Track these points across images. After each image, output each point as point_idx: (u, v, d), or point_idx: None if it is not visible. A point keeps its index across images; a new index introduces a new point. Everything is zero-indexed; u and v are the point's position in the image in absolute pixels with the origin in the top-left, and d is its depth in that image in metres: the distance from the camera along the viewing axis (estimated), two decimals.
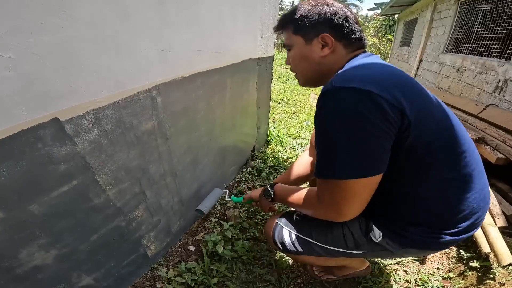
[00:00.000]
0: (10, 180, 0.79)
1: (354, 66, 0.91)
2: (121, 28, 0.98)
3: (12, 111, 0.74)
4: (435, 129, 0.83)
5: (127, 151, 1.16)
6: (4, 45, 0.68)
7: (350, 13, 0.99)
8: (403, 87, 0.80)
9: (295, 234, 1.20)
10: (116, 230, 1.26)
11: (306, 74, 1.09)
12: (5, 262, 0.87)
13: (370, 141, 0.78)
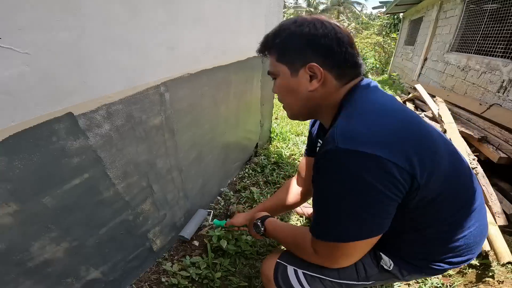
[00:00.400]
0: (25, 173, 0.81)
1: (357, 112, 0.79)
2: (131, 26, 1.00)
3: (28, 106, 0.77)
4: (442, 185, 0.79)
5: (136, 146, 1.19)
6: (21, 41, 0.71)
7: (343, 34, 0.83)
8: (415, 142, 0.74)
9: (302, 271, 1.07)
10: (123, 223, 1.28)
11: (293, 108, 0.97)
12: (17, 255, 0.89)
13: (375, 207, 0.74)
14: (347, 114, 0.80)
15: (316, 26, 0.81)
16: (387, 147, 0.69)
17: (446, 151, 0.84)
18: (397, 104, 0.85)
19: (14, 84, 0.72)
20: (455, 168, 0.85)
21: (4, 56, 0.68)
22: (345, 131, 0.73)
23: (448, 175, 0.80)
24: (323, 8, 39.66)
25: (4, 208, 0.79)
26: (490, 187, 2.17)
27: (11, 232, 0.84)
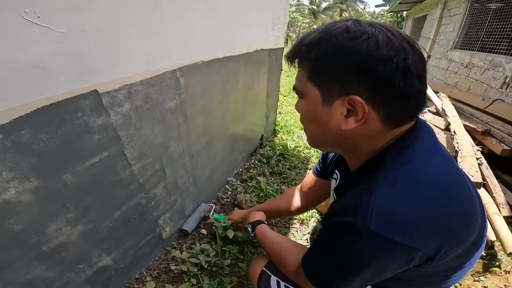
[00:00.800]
0: (48, 147, 0.84)
1: (405, 184, 0.60)
2: (153, 12, 1.05)
3: (59, 81, 0.81)
4: (452, 259, 0.66)
5: (152, 127, 1.23)
6: (57, 21, 0.75)
7: (416, 59, 0.57)
8: (454, 230, 0.62)
9: (284, 284, 1.06)
10: (136, 207, 1.31)
11: (316, 140, 0.78)
12: (33, 237, 0.89)
13: (375, 278, 0.68)
14: (392, 181, 0.61)
15: (378, 44, 0.55)
16: (424, 236, 0.58)
17: (480, 224, 0.68)
18: (451, 170, 0.67)
19: (47, 60, 0.76)
20: (475, 241, 0.68)
21: (41, 34, 0.72)
22: (384, 213, 0.58)
23: (463, 250, 0.66)
24: (325, 6, 39.54)
25: (25, 184, 0.81)
26: (494, 179, 2.22)
27: (29, 210, 0.86)
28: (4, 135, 0.72)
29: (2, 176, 0.74)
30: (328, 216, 0.72)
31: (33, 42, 0.72)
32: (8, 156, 0.74)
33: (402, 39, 0.57)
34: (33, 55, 0.72)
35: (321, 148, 0.87)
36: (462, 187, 0.66)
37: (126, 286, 1.44)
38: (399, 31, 0.59)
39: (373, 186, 0.61)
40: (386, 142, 0.67)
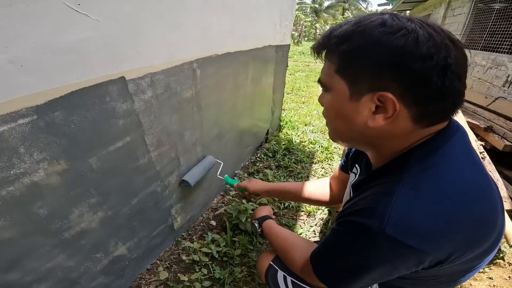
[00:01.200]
0: (78, 129, 0.88)
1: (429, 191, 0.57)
2: (175, 5, 1.09)
3: (92, 66, 0.85)
4: (462, 263, 0.64)
5: (170, 115, 1.27)
6: (94, 9, 0.79)
7: (458, 56, 0.54)
8: (474, 233, 0.59)
9: (291, 278, 1.08)
10: (152, 195, 1.34)
11: (338, 135, 0.75)
12: (57, 223, 0.91)
13: (383, 277, 0.68)
14: (415, 185, 0.59)
15: (419, 40, 0.52)
16: (440, 244, 0.57)
17: (499, 229, 0.64)
18: (479, 175, 0.63)
19: (83, 46, 0.80)
20: (491, 245, 0.64)
21: (79, 21, 0.77)
22: (403, 217, 0.56)
23: (478, 254, 0.64)
24: (328, 4, 39.50)
25: (54, 166, 0.84)
26: (496, 173, 2.26)
27: (55, 194, 0.88)
28: (39, 116, 0.75)
29: (33, 156, 0.77)
30: (344, 215, 0.70)
31: (72, 28, 0.76)
32: (40, 137, 0.77)
33: (444, 36, 0.54)
34: (72, 40, 0.76)
35: (343, 143, 0.81)
36: (488, 194, 0.62)
37: (138, 276, 1.48)
38: (442, 27, 0.56)
39: (394, 188, 0.59)
40: (414, 141, 0.64)
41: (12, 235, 0.79)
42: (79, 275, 1.07)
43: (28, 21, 0.66)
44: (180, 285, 1.46)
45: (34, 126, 0.75)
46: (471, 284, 1.61)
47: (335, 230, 0.73)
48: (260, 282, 1.51)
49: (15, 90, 0.68)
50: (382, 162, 0.72)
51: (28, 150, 0.75)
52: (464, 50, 0.56)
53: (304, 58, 12.96)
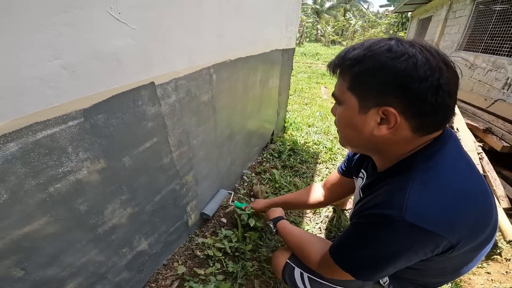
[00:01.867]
0: (116, 131, 0.95)
1: (436, 184, 0.69)
2: (195, 13, 1.17)
3: (128, 72, 0.93)
4: (467, 251, 0.76)
5: (190, 117, 1.36)
6: (132, 17, 0.87)
7: (449, 77, 0.66)
8: (475, 225, 0.72)
9: (307, 275, 1.16)
10: (172, 193, 1.42)
11: (348, 142, 0.86)
12: (93, 218, 0.99)
13: (402, 264, 0.77)
14: (423, 181, 0.70)
15: (417, 64, 0.63)
16: (453, 228, 0.67)
17: (494, 222, 0.78)
18: (473, 174, 0.76)
19: (122, 53, 0.88)
20: (489, 235, 0.78)
21: (119, 29, 0.85)
22: (419, 205, 0.67)
23: (478, 243, 0.76)
24: (329, 5, 39.43)
25: (95, 164, 0.92)
26: (494, 173, 2.34)
27: (94, 191, 0.96)
28: (85, 118, 0.83)
29: (78, 156, 0.85)
30: (363, 210, 0.80)
31: (113, 35, 0.84)
32: (85, 138, 0.86)
33: (439, 60, 0.65)
34: (113, 47, 0.85)
35: (352, 149, 0.94)
36: (482, 189, 0.75)
37: (155, 272, 1.55)
38: (438, 50, 0.67)
39: (406, 184, 0.70)
40: (415, 147, 0.76)
41: (55, 230, 0.86)
42: (107, 270, 1.14)
43: (78, 29, 0.73)
44: (196, 278, 1.53)
45: (81, 128, 0.83)
46: (470, 279, 1.67)
47: (356, 223, 0.83)
48: (270, 276, 1.60)
49: (66, 94, 0.76)
50: (388, 165, 0.84)
51: (75, 150, 0.84)
52: (456, 70, 0.68)
53: (306, 59, 12.93)
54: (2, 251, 0.74)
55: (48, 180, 0.79)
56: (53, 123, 0.75)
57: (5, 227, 0.73)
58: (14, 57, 0.63)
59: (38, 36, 0.66)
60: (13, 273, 0.79)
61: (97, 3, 0.76)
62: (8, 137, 0.66)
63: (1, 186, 0.68)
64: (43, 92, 0.70)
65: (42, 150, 0.75)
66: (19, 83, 0.65)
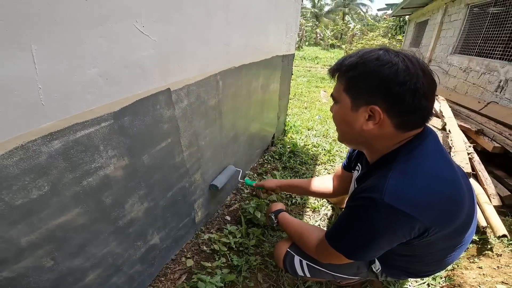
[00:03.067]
0: (138, 131, 1.07)
1: (413, 172, 0.83)
2: (205, 24, 1.29)
3: (150, 79, 1.05)
4: (443, 237, 0.90)
5: (199, 120, 1.48)
6: (154, 30, 0.99)
7: (425, 83, 0.79)
8: (447, 210, 0.84)
9: (306, 262, 1.27)
10: (182, 190, 1.52)
11: (343, 136, 1.00)
12: (116, 211, 1.09)
13: (385, 244, 0.89)
14: (402, 170, 0.83)
15: (398, 70, 0.77)
16: (425, 211, 0.79)
17: (467, 211, 0.91)
18: (447, 166, 0.88)
19: (145, 62, 1.00)
20: (463, 224, 0.93)
21: (143, 41, 0.97)
22: (396, 189, 0.79)
23: (453, 230, 0.90)
24: (328, 9, 39.65)
25: (120, 161, 1.03)
26: (485, 172, 2.44)
27: (118, 185, 1.06)
28: (114, 120, 0.95)
29: (108, 153, 0.97)
30: (354, 194, 0.93)
31: (139, 46, 0.96)
32: (114, 137, 0.98)
33: (418, 67, 0.78)
34: (138, 57, 0.97)
35: (347, 144, 1.07)
36: (454, 180, 0.87)
37: (164, 266, 1.64)
38: (418, 60, 0.81)
39: (388, 173, 0.83)
40: (398, 142, 0.89)
41: (84, 221, 0.96)
42: (123, 262, 1.23)
43: (111, 40, 0.85)
44: (203, 271, 1.63)
45: (111, 128, 0.95)
46: (462, 273, 1.73)
47: (348, 206, 0.96)
48: (273, 269, 1.70)
49: (101, 98, 0.88)
50: (376, 158, 0.98)
51: (105, 148, 0.96)
52: (433, 77, 0.82)
53: (306, 63, 13.04)
54: (38, 240, 0.83)
55: (83, 174, 0.91)
56: (90, 124, 0.87)
57: (44, 218, 0.82)
58: (63, 65, 0.75)
59: (81, 47, 0.78)
60: (43, 263, 0.87)
61: (125, 17, 0.87)
62: (54, 135, 0.78)
63: (44, 179, 0.79)
64: (83, 96, 0.82)
65: (80, 147, 0.87)
66: (65, 88, 0.77)
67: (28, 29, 0.64)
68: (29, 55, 0.66)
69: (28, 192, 0.76)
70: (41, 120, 0.74)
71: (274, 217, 1.51)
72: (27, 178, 0.75)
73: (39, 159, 0.76)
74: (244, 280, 1.62)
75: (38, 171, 0.77)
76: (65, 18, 0.71)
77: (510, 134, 2.83)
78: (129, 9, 0.88)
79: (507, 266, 1.72)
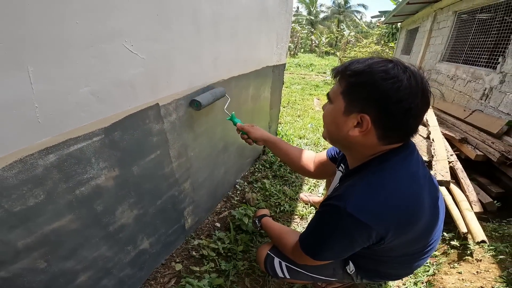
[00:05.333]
0: (128, 144, 1.14)
1: (379, 188, 0.87)
2: (194, 40, 1.35)
3: (139, 96, 1.12)
4: (402, 244, 0.98)
5: (188, 132, 1.54)
6: (142, 48, 1.05)
7: (421, 103, 0.81)
8: (402, 221, 0.88)
9: (285, 263, 1.33)
10: (171, 198, 1.58)
11: (330, 135, 1.02)
12: (106, 217, 1.15)
13: (348, 248, 0.97)
14: (369, 181, 0.90)
15: (400, 88, 0.78)
16: (380, 221, 0.85)
17: (428, 220, 0.96)
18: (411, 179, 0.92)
19: (135, 79, 1.06)
20: (424, 231, 0.99)
21: (132, 59, 1.03)
22: (359, 200, 0.86)
23: (412, 238, 0.97)
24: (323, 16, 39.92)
25: (111, 172, 1.10)
26: (467, 180, 2.51)
27: (109, 194, 1.12)
28: (105, 134, 1.03)
29: (99, 165, 1.05)
30: (325, 200, 0.98)
31: (128, 65, 1.02)
32: (105, 150, 1.05)
33: (419, 87, 0.80)
34: (128, 75, 1.03)
35: (331, 142, 1.06)
36: (414, 193, 0.90)
37: (154, 270, 1.69)
38: (423, 78, 0.82)
39: (357, 182, 0.91)
40: (376, 152, 0.93)
41: (77, 226, 1.03)
42: (113, 265, 1.28)
43: (102, 60, 0.91)
44: (192, 275, 1.68)
45: (102, 142, 1.02)
46: (442, 278, 1.78)
47: (318, 212, 1.02)
48: (260, 274, 1.76)
49: (93, 115, 0.96)
50: (355, 164, 1.02)
51: (97, 160, 1.03)
52: (429, 99, 0.84)
53: (300, 71, 13.08)
54: (33, 244, 0.89)
55: (76, 184, 0.98)
56: (82, 138, 0.95)
57: (40, 223, 0.90)
58: (58, 85, 0.82)
59: (74, 67, 0.84)
60: (37, 265, 0.93)
61: (116, 38, 0.94)
62: (49, 150, 0.85)
63: (40, 188, 0.87)
64: (77, 114, 0.90)
65: (73, 160, 0.94)
66: (60, 106, 0.84)
67: (24, 51, 0.71)
68: (25, 76, 0.73)
69: (26, 200, 0.84)
70: (37, 136, 0.81)
71: (258, 221, 1.59)
72: (25, 188, 0.82)
73: (35, 171, 0.84)
74: (231, 284, 1.67)
75: (35, 182, 0.84)
76: (59, 40, 0.78)
77: (492, 142, 2.91)
78: (118, 29, 0.94)
79: (486, 271, 1.75)
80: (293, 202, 2.50)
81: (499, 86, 3.84)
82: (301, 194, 2.58)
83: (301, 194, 2.58)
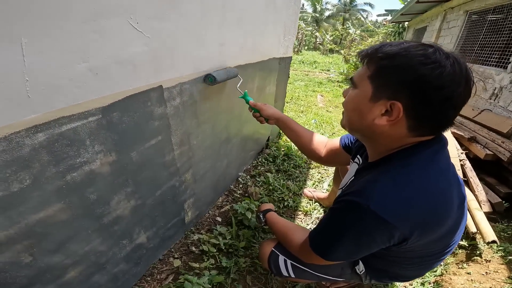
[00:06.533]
0: (127, 128, 1.06)
1: (406, 183, 0.78)
2: (201, 23, 1.29)
3: (141, 76, 1.04)
4: (423, 245, 0.89)
5: (191, 119, 1.47)
6: (148, 27, 0.99)
7: (464, 93, 0.71)
8: (429, 222, 0.81)
9: (290, 261, 1.26)
10: (171, 189, 1.51)
11: (350, 123, 0.91)
12: (100, 208, 1.07)
13: (365, 249, 0.89)
14: (392, 177, 0.81)
15: (443, 74, 0.68)
16: (406, 221, 0.77)
17: (454, 220, 0.88)
18: (440, 177, 0.82)
19: (137, 58, 0.99)
20: (446, 234, 0.90)
21: (136, 37, 0.96)
22: (383, 197, 0.77)
23: (433, 240, 0.88)
24: (328, 14, 39.83)
25: (108, 157, 1.02)
26: (476, 179, 2.46)
27: (104, 181, 1.04)
28: (103, 115, 0.94)
29: (94, 148, 0.96)
30: (341, 196, 0.89)
31: (131, 43, 0.95)
32: (101, 132, 0.96)
33: (463, 76, 0.70)
34: (130, 53, 0.96)
35: (351, 132, 0.98)
36: (442, 192, 0.81)
37: (151, 266, 1.62)
38: (467, 66, 0.72)
39: (379, 177, 0.81)
40: (402, 145, 0.83)
41: (66, 217, 0.95)
42: (106, 260, 1.21)
43: (104, 36, 0.84)
44: (191, 272, 1.62)
45: (99, 123, 0.94)
46: (451, 279, 1.74)
47: (332, 208, 0.93)
48: (262, 272, 1.69)
49: (89, 93, 0.87)
50: (376, 157, 0.92)
51: (92, 142, 0.94)
52: (471, 89, 0.74)
53: (304, 68, 13.07)
54: (16, 235, 0.81)
55: (67, 169, 0.89)
56: (77, 118, 0.86)
57: (23, 212, 0.81)
58: (51, 59, 0.74)
59: (72, 42, 0.77)
60: (21, 258, 0.85)
61: (120, 13, 0.87)
62: (38, 128, 0.77)
63: (26, 172, 0.78)
64: (71, 90, 0.81)
65: (65, 141, 0.85)
66: (53, 81, 0.76)
67: (19, 23, 0.64)
68: (18, 48, 0.65)
69: (9, 185, 0.75)
70: (26, 112, 0.73)
71: (262, 216, 1.51)
72: (8, 171, 0.73)
73: (22, 151, 0.75)
74: (232, 282, 1.61)
75: (20, 164, 0.75)
76: (57, 13, 0.71)
77: (502, 141, 2.86)
78: (123, 5, 0.87)
79: (495, 272, 1.73)
80: (297, 197, 2.43)
81: (509, 86, 3.79)
82: (305, 190, 2.52)
83: (305, 190, 2.52)
